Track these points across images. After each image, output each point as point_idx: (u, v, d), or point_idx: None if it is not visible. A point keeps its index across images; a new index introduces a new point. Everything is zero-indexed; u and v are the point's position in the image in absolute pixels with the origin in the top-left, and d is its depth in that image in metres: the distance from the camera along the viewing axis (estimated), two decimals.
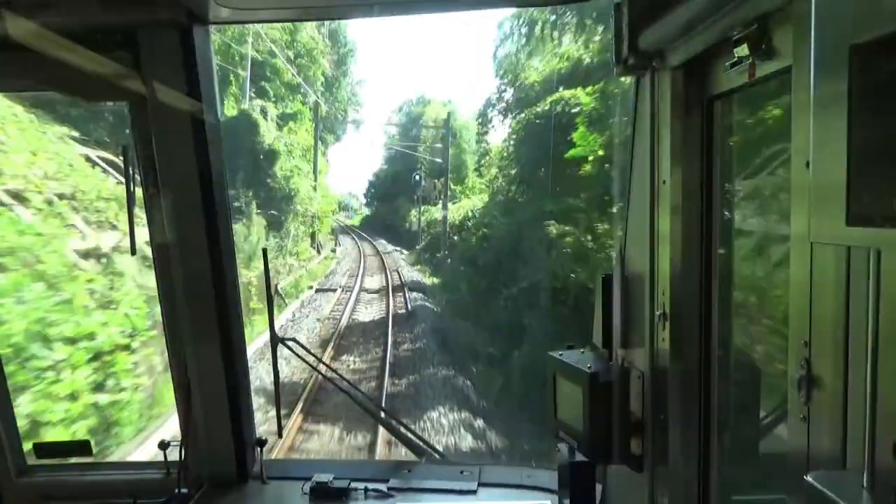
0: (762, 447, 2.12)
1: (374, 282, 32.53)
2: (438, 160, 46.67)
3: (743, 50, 1.60)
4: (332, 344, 18.77)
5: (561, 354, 2.59)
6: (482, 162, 42.94)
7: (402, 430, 3.65)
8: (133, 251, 3.17)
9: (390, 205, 57.52)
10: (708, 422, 2.10)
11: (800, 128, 1.30)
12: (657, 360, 2.21)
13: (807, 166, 1.22)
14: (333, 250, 45.50)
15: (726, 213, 2.09)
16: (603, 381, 2.39)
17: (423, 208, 47.71)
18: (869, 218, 0.91)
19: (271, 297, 3.42)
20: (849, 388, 1.26)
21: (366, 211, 72.10)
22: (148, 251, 3.05)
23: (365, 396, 4.07)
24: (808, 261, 1.34)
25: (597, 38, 19.92)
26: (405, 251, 46.21)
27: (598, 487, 2.71)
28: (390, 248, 47.99)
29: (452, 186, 42.26)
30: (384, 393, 14.42)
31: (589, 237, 17.27)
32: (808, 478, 1.12)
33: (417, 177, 46.58)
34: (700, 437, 2.11)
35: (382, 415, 3.87)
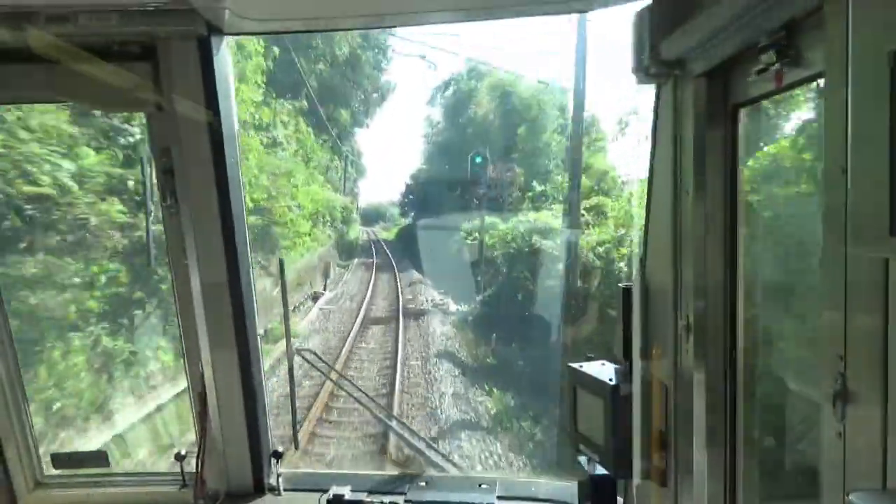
0: (792, 463, 2.06)
1: None
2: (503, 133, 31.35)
3: (770, 57, 1.57)
4: None
5: (581, 366, 2.56)
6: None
7: (419, 441, 3.62)
8: (149, 262, 3.18)
9: (431, 215, 39.69)
10: (735, 435, 2.06)
11: (832, 135, 1.27)
12: (681, 372, 2.17)
13: (842, 173, 1.19)
14: (315, 297, 23.43)
15: (751, 221, 2.05)
16: (625, 394, 2.36)
17: (486, 219, 25.79)
18: None
19: (287, 310, 3.41)
20: (889, 404, 1.22)
21: (403, 221, 55.78)
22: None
23: (380, 407, 4.04)
24: (843, 271, 1.30)
25: None
26: (454, 306, 23.09)
27: (620, 502, 2.67)
28: (425, 294, 25.90)
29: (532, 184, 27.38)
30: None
31: None
32: (851, 497, 1.08)
33: (479, 159, 26.37)
34: (727, 451, 2.07)
35: (398, 426, 3.85)
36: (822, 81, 1.43)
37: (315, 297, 23.47)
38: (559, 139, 32.26)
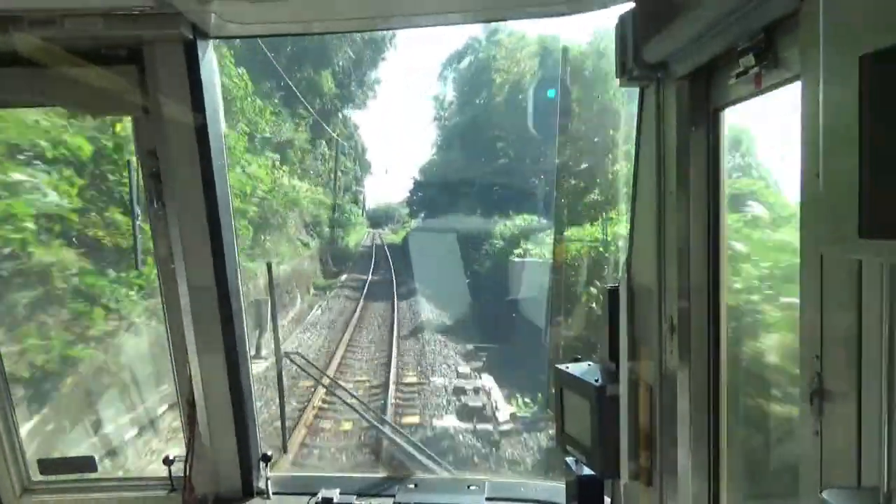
0: (774, 461, 2.08)
1: None
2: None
3: (749, 60, 1.59)
4: None
5: (567, 367, 2.57)
6: None
7: (409, 443, 3.62)
8: (137, 265, 3.17)
9: (448, 215, 29.65)
10: (718, 435, 2.07)
11: (809, 138, 1.29)
12: (666, 373, 2.18)
13: (817, 177, 1.21)
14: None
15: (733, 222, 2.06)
16: (611, 395, 2.37)
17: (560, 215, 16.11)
18: (882, 229, 0.90)
19: (275, 313, 3.41)
20: (862, 403, 1.23)
21: (413, 223, 46.39)
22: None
23: (370, 410, 4.05)
24: (819, 273, 1.31)
25: None
26: (504, 409, 11.44)
27: (607, 501, 2.68)
28: (438, 362, 14.42)
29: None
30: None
31: None
32: (824, 495, 1.10)
33: (553, 93, 17.25)
34: (710, 451, 2.08)
35: (388, 428, 3.86)
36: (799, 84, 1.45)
37: None
38: (628, 104, 18.41)
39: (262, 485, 3.30)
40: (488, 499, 3.21)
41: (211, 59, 2.79)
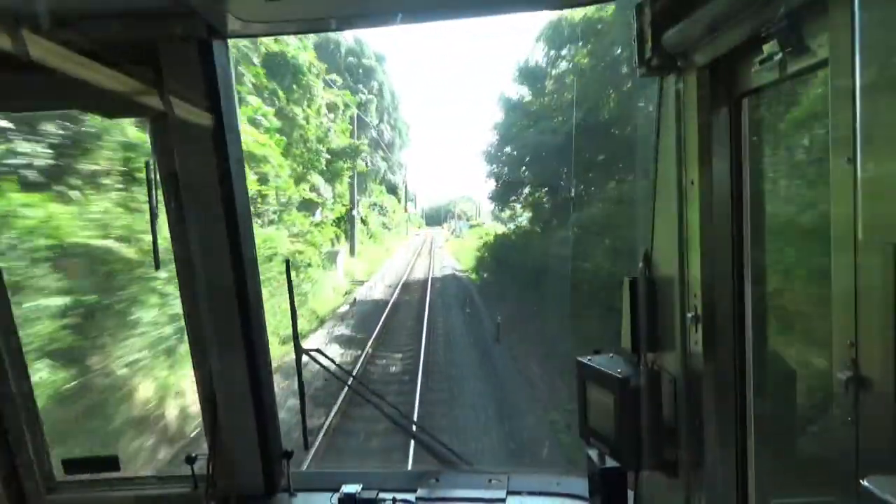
0: (802, 451, 2.06)
1: None
2: None
3: (774, 46, 1.57)
4: None
5: (590, 359, 2.56)
6: None
7: (430, 439, 3.63)
8: (157, 265, 3.19)
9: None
10: (744, 425, 2.06)
11: (839, 123, 1.27)
12: (690, 364, 2.17)
13: (848, 162, 1.19)
14: None
15: (757, 211, 2.04)
16: (633, 387, 2.35)
17: None
18: None
19: (294, 309, 3.42)
20: None
21: (495, 226, 28.06)
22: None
23: (392, 407, 4.06)
24: (853, 258, 1.29)
25: None
26: None
27: (630, 494, 2.67)
28: None
29: None
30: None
31: None
32: (865, 482, 1.08)
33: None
34: (737, 442, 2.07)
35: (410, 424, 3.88)
36: (827, 70, 1.42)
37: None
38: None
39: (284, 482, 3.32)
40: (510, 492, 3.20)
41: (226, 58, 2.79)
